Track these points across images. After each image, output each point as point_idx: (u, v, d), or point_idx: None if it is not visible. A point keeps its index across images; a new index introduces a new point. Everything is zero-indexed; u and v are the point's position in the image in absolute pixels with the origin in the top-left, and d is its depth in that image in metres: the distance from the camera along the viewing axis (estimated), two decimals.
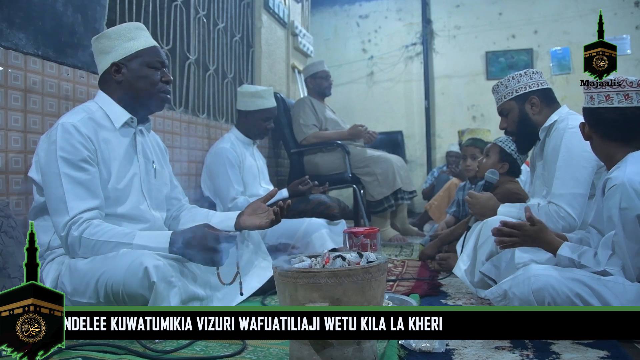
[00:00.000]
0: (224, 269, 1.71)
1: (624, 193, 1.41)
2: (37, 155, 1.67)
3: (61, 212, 1.58)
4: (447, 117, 6.20)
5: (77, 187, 1.60)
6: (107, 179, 1.70)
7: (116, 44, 1.75)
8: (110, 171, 1.71)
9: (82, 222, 1.58)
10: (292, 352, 1.21)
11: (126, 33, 1.77)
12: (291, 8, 4.80)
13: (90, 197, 1.62)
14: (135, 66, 1.76)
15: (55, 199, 1.60)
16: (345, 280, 1.14)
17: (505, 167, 2.54)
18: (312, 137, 3.89)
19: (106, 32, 1.78)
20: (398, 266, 2.74)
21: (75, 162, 1.61)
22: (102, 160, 1.69)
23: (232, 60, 3.78)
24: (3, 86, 1.84)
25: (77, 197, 1.59)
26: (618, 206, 1.42)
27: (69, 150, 1.61)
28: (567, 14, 5.81)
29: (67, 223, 1.57)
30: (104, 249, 1.58)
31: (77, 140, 1.62)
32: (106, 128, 1.74)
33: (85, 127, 1.66)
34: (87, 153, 1.64)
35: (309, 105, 3.98)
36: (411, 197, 4.09)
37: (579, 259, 1.51)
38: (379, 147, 4.37)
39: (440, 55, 6.26)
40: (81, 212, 1.58)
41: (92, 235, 1.57)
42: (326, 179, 3.47)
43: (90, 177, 1.63)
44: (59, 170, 1.59)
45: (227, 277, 1.74)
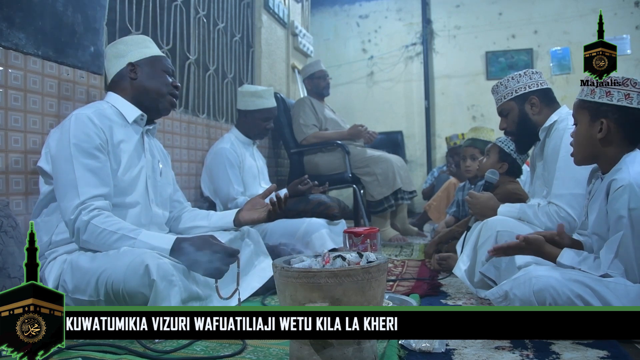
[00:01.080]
0: (223, 283, 1.71)
1: (632, 193, 1.41)
2: (48, 146, 1.72)
3: (72, 196, 1.62)
4: (447, 117, 6.20)
5: (88, 173, 1.64)
6: (116, 169, 1.75)
7: (132, 48, 1.88)
8: (120, 162, 1.76)
9: (92, 208, 1.61)
10: (292, 352, 1.21)
11: (141, 42, 1.92)
12: (291, 8, 4.81)
13: (101, 184, 1.66)
14: (150, 68, 1.88)
15: (66, 183, 1.64)
16: (345, 280, 1.14)
17: (504, 167, 2.54)
18: (312, 137, 3.89)
19: (122, 39, 1.93)
20: (398, 266, 2.75)
21: (88, 149, 1.66)
22: (112, 151, 1.74)
23: (232, 60, 3.78)
24: (3, 86, 1.84)
25: (88, 183, 1.64)
26: (627, 207, 1.41)
27: (82, 138, 1.66)
28: (567, 14, 5.81)
29: (78, 206, 1.61)
30: (108, 238, 1.60)
31: (90, 129, 1.68)
32: (117, 123, 1.80)
33: (98, 119, 1.72)
34: (100, 141, 1.69)
35: (308, 105, 3.98)
36: (411, 197, 4.09)
37: (579, 266, 1.51)
38: (379, 147, 4.37)
39: (440, 55, 6.26)
40: (92, 197, 1.63)
41: (101, 224, 1.60)
42: (326, 179, 3.47)
43: (101, 165, 1.68)
44: (72, 156, 1.64)
45: (225, 293, 1.74)
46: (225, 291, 1.73)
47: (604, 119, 1.51)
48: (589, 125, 1.54)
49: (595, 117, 1.53)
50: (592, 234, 1.59)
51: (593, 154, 1.56)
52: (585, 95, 1.55)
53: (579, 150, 1.59)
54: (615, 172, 1.49)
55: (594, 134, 1.53)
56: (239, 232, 2.00)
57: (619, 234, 1.44)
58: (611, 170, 1.52)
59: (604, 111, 1.51)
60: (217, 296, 1.78)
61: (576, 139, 1.60)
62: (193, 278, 1.69)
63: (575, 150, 1.61)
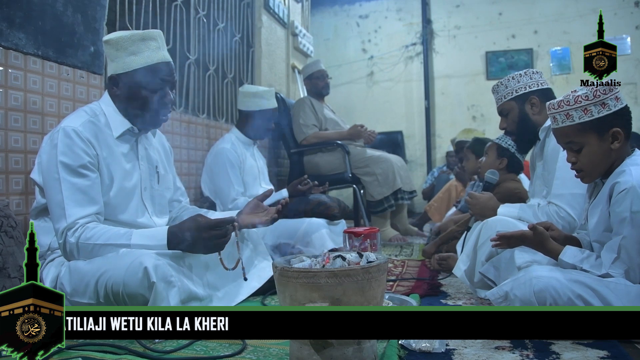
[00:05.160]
0: (227, 258, 1.70)
1: (635, 196, 1.41)
2: (40, 157, 1.67)
3: (60, 218, 1.58)
4: (447, 117, 6.20)
5: (76, 193, 1.59)
6: (108, 185, 1.69)
7: (117, 55, 1.70)
8: (112, 176, 1.70)
9: (77, 227, 1.57)
10: (292, 352, 1.21)
11: (129, 46, 1.69)
12: (291, 8, 4.80)
13: (89, 203, 1.61)
14: (130, 85, 1.71)
15: (55, 204, 1.60)
16: (345, 280, 1.14)
17: (503, 162, 2.55)
18: (312, 137, 3.89)
19: (111, 40, 1.71)
20: (398, 266, 2.74)
21: (75, 168, 1.60)
22: (103, 165, 1.68)
23: (232, 60, 3.78)
24: (3, 86, 1.84)
25: (76, 203, 1.58)
26: (629, 209, 1.42)
27: (70, 156, 1.60)
28: (567, 14, 5.80)
29: (64, 230, 1.57)
30: (102, 252, 1.58)
31: (78, 146, 1.61)
32: (107, 134, 1.73)
33: (87, 132, 1.64)
34: (88, 159, 1.63)
35: (308, 105, 3.98)
36: (411, 197, 4.10)
37: (580, 264, 1.51)
38: (379, 147, 4.37)
39: (440, 55, 6.26)
40: (79, 218, 1.58)
41: (89, 240, 1.57)
42: (326, 179, 3.47)
43: (90, 183, 1.62)
44: (59, 175, 1.58)
45: (230, 264, 1.72)
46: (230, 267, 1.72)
47: (615, 129, 1.49)
48: (599, 141, 1.51)
49: (602, 131, 1.50)
50: (594, 242, 1.59)
51: (607, 166, 1.54)
52: (579, 118, 1.50)
53: (593, 169, 1.54)
54: (617, 175, 1.49)
55: (607, 148, 1.51)
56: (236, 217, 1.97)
57: (621, 236, 1.44)
58: (613, 174, 1.52)
59: (609, 122, 1.49)
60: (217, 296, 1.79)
61: (590, 159, 1.53)
62: (192, 278, 1.68)
63: (589, 170, 1.55)
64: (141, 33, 1.73)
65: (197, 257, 1.72)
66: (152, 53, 1.72)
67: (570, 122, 1.52)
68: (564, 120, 1.53)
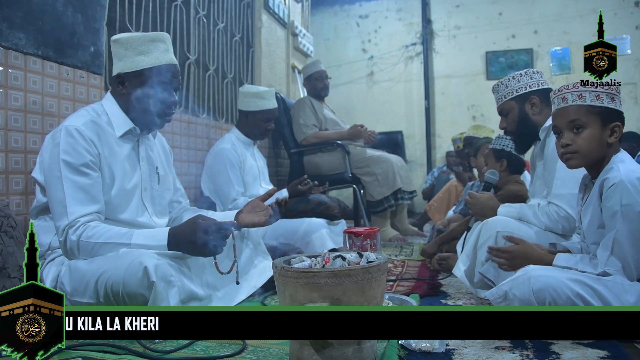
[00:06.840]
0: (223, 261, 1.70)
1: (625, 190, 1.43)
2: (41, 156, 1.68)
3: (61, 216, 1.59)
4: (447, 117, 6.20)
5: (78, 191, 1.60)
6: (109, 184, 1.70)
7: (126, 54, 1.72)
8: (113, 176, 1.71)
9: (79, 225, 1.58)
10: (292, 352, 1.21)
11: (138, 45, 1.72)
12: (291, 8, 4.80)
13: (91, 202, 1.62)
14: (137, 85, 1.73)
15: (56, 202, 1.60)
16: (345, 280, 1.14)
17: (504, 164, 2.55)
18: (312, 137, 3.89)
19: (121, 39, 1.74)
20: (398, 266, 2.74)
21: (77, 166, 1.61)
22: (105, 164, 1.69)
23: (232, 60, 3.78)
24: (3, 86, 1.84)
25: (77, 201, 1.59)
26: (619, 203, 1.43)
27: (72, 154, 1.61)
28: (567, 14, 5.81)
29: (65, 228, 1.58)
30: (102, 250, 1.58)
31: (80, 145, 1.62)
32: (109, 134, 1.73)
33: (89, 131, 1.66)
34: (90, 157, 1.64)
35: (308, 105, 3.98)
36: (411, 197, 4.10)
37: (576, 266, 1.52)
38: (379, 147, 4.37)
39: (440, 55, 6.26)
40: (80, 216, 1.59)
41: (90, 238, 1.57)
42: (326, 179, 3.47)
43: (91, 181, 1.63)
44: (61, 173, 1.59)
45: (225, 268, 1.73)
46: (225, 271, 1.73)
47: (616, 123, 1.52)
48: (601, 129, 1.53)
49: (606, 122, 1.52)
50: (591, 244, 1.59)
51: (599, 157, 1.55)
52: (591, 101, 1.53)
53: (587, 154, 1.55)
54: (607, 172, 1.51)
55: (605, 138, 1.53)
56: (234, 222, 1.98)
57: (614, 231, 1.45)
58: (602, 171, 1.54)
59: (614, 116, 1.53)
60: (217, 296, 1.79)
61: (588, 143, 1.54)
62: (192, 277, 1.69)
63: (583, 152, 1.55)
64: (151, 35, 1.75)
65: (197, 257, 1.72)
66: (160, 54, 1.74)
67: (581, 102, 1.53)
68: (575, 100, 1.54)
